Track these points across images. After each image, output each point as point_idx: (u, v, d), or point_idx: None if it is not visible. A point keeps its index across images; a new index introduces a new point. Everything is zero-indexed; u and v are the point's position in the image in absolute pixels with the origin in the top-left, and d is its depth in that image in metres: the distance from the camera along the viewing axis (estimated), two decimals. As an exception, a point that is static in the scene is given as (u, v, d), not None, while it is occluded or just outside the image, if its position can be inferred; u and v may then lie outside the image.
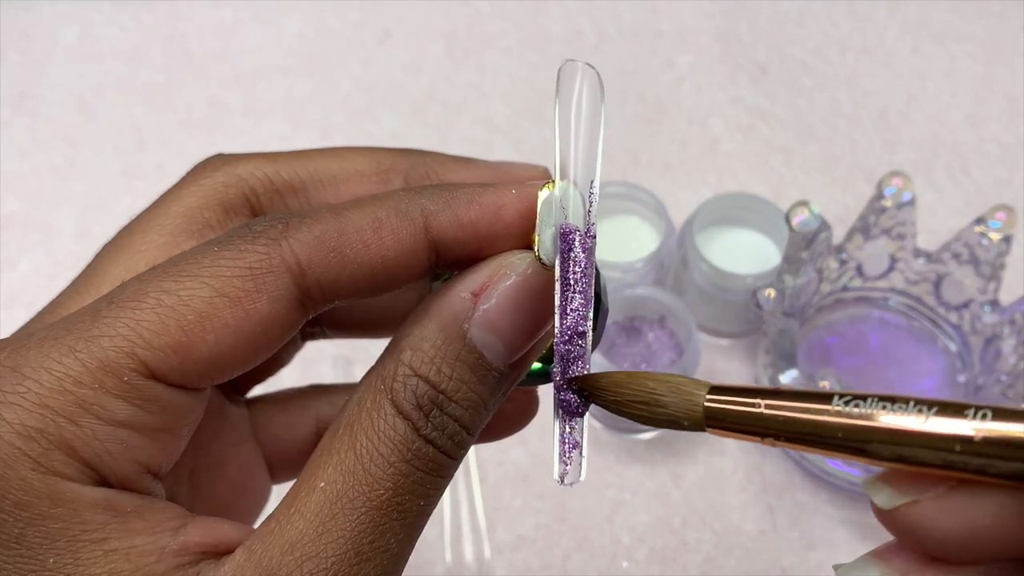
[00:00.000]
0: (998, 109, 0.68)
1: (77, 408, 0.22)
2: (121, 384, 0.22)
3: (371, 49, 0.70)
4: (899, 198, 0.51)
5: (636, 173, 0.64)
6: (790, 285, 0.50)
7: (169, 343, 0.22)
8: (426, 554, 0.51)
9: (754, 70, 0.69)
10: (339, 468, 0.22)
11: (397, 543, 0.23)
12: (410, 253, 0.24)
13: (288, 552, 0.22)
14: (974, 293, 0.53)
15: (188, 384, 0.23)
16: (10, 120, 0.66)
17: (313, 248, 0.23)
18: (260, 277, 0.23)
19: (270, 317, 0.23)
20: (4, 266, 0.60)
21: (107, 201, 0.63)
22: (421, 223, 0.24)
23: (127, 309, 0.23)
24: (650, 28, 0.71)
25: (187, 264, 0.23)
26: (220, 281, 0.23)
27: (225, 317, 0.23)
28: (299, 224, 0.24)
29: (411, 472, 0.22)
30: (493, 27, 0.71)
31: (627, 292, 0.53)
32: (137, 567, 0.22)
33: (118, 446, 0.22)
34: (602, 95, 0.23)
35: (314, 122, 0.66)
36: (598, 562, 0.51)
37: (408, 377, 0.23)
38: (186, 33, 0.70)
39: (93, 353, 0.22)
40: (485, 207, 0.24)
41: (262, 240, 0.23)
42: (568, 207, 0.23)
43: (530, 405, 0.30)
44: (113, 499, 0.22)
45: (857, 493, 0.52)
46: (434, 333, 0.23)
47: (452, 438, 0.23)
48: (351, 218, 0.24)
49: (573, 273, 0.22)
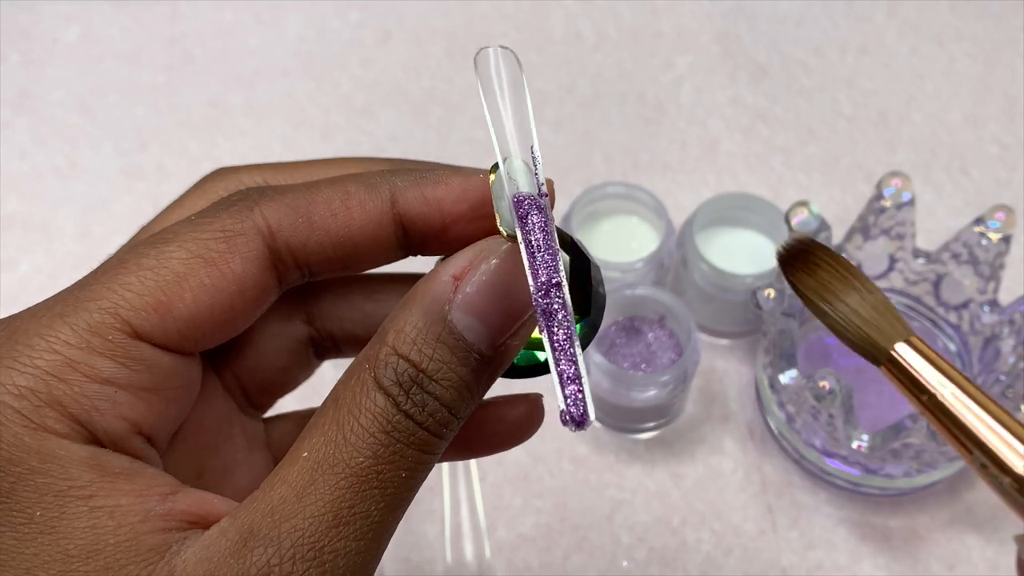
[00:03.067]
0: (998, 109, 0.68)
1: (66, 367, 0.23)
2: (107, 343, 0.23)
3: (371, 49, 0.70)
4: (898, 198, 0.51)
5: (636, 173, 0.64)
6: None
7: (150, 302, 0.24)
8: (426, 553, 0.51)
9: (754, 70, 0.69)
10: (322, 439, 0.23)
11: (378, 511, 0.23)
12: (376, 224, 0.26)
13: (268, 515, 0.22)
14: (973, 293, 0.53)
15: (171, 344, 0.24)
16: (10, 120, 0.66)
17: (283, 213, 0.25)
18: (232, 239, 0.25)
19: (243, 277, 0.25)
20: (4, 266, 0.60)
21: (107, 201, 0.63)
22: (388, 197, 0.26)
23: (110, 275, 0.24)
24: (650, 28, 0.71)
25: (166, 232, 0.25)
26: (196, 244, 0.24)
27: (201, 277, 0.24)
28: (272, 193, 0.26)
29: (391, 443, 0.23)
30: (493, 28, 0.71)
31: (627, 292, 0.53)
32: (120, 524, 0.22)
33: (106, 403, 0.23)
34: (520, 69, 0.24)
35: (314, 122, 0.66)
36: (598, 562, 0.51)
37: (390, 356, 0.23)
38: (187, 33, 0.70)
39: (80, 316, 0.23)
40: (451, 186, 0.26)
41: (236, 207, 0.25)
42: (517, 177, 0.23)
43: (534, 414, 0.30)
44: (101, 458, 0.23)
45: (857, 493, 0.52)
46: (416, 316, 0.23)
47: (433, 415, 0.23)
48: (322, 189, 0.26)
49: (534, 234, 0.23)
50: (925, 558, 0.51)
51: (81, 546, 0.22)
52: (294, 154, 0.65)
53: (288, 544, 0.22)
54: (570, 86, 0.68)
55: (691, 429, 0.55)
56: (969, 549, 0.51)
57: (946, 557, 0.51)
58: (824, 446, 0.51)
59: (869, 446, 0.49)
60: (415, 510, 0.52)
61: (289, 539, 0.22)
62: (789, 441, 0.52)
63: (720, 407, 0.55)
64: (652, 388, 0.51)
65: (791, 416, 0.51)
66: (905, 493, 0.52)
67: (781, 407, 0.52)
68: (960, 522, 0.52)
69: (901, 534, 0.52)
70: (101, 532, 0.22)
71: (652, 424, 0.54)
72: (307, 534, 0.22)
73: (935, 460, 0.49)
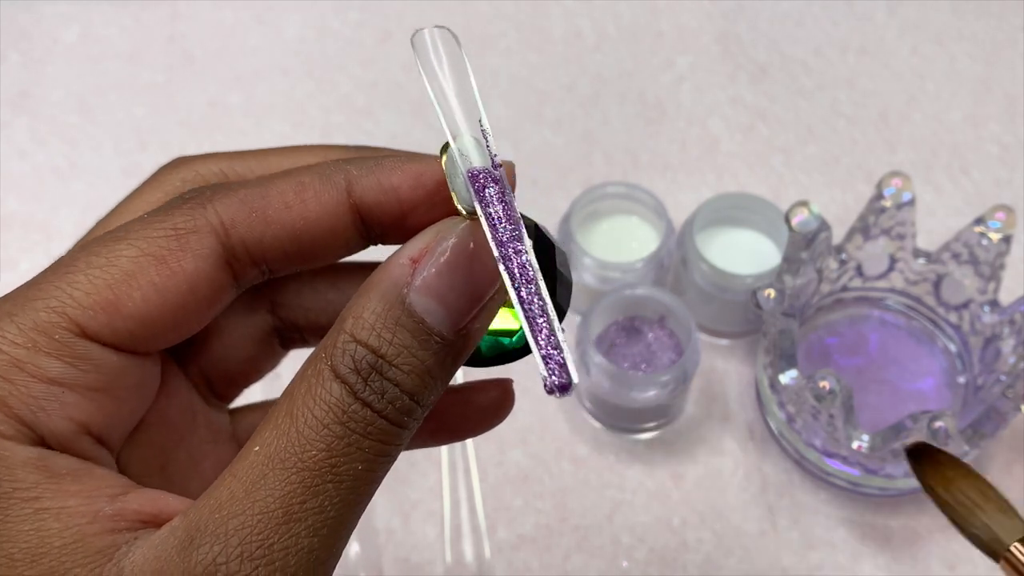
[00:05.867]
0: (998, 109, 0.68)
1: (11, 367, 0.22)
2: (53, 342, 0.23)
3: (371, 49, 0.70)
4: (899, 198, 0.51)
5: (636, 173, 0.64)
6: (790, 285, 0.50)
7: (98, 301, 0.23)
8: (426, 554, 0.51)
9: (754, 70, 0.69)
10: (274, 432, 0.22)
11: (332, 507, 0.22)
12: (332, 215, 0.25)
13: (216, 511, 0.21)
14: (974, 293, 0.53)
15: (121, 344, 0.24)
16: (10, 120, 0.66)
17: (236, 209, 0.25)
18: (184, 236, 0.24)
19: (196, 275, 0.24)
20: (4, 266, 0.60)
21: (107, 201, 0.62)
22: (344, 187, 0.25)
23: (59, 273, 0.24)
24: (650, 28, 0.71)
25: (118, 230, 0.25)
26: (146, 242, 0.24)
27: (151, 275, 0.24)
28: (225, 189, 0.25)
29: (346, 434, 0.22)
30: (493, 27, 0.71)
31: (627, 292, 0.53)
32: (66, 526, 0.22)
33: (52, 403, 0.23)
34: (459, 45, 0.24)
35: (314, 122, 0.66)
36: (598, 562, 0.51)
37: (347, 343, 0.22)
38: (186, 33, 0.70)
39: (27, 315, 0.23)
40: (407, 172, 0.25)
41: (189, 204, 0.25)
42: (469, 153, 0.23)
43: (505, 399, 0.29)
44: (48, 459, 0.22)
45: (857, 493, 0.52)
46: (375, 301, 0.23)
47: (393, 403, 0.22)
48: (276, 182, 0.25)
49: (492, 205, 0.22)
50: (925, 558, 0.51)
51: (25, 549, 0.21)
52: (294, 154, 0.65)
53: (235, 541, 0.21)
54: (570, 86, 0.68)
55: (691, 429, 0.55)
56: (970, 549, 0.51)
57: (946, 557, 0.51)
58: (824, 446, 0.51)
59: (869, 446, 0.49)
60: (415, 511, 0.52)
61: (236, 536, 0.21)
62: (789, 441, 0.52)
63: (720, 407, 0.55)
64: (652, 388, 0.51)
65: (791, 416, 0.51)
66: (905, 493, 0.52)
67: (781, 407, 0.52)
68: (960, 522, 0.52)
69: (901, 534, 0.52)
70: (46, 535, 0.21)
71: (652, 424, 0.54)
72: (255, 531, 0.21)
73: (935, 460, 0.49)
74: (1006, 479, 0.53)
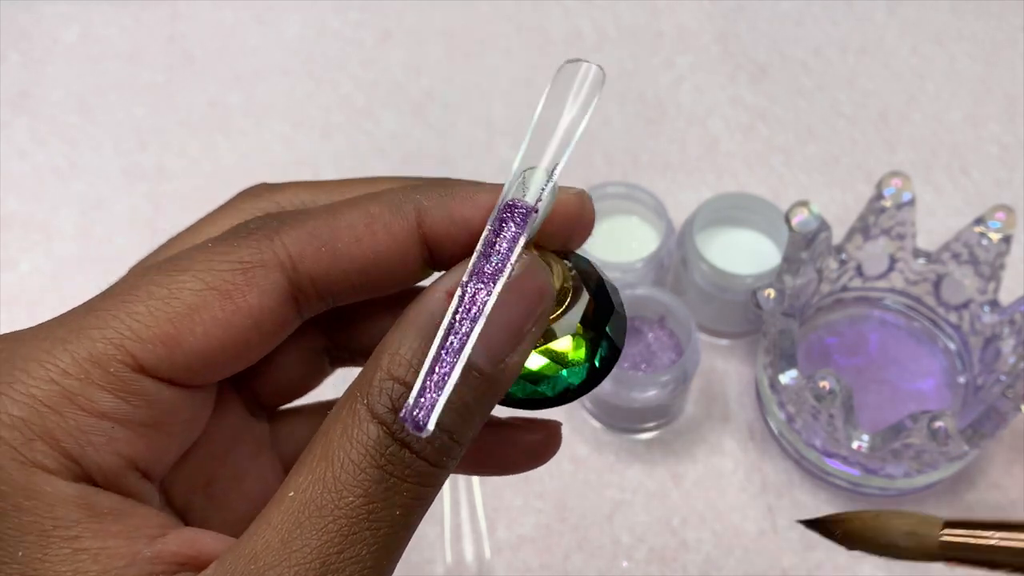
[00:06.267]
0: (998, 109, 0.68)
1: (62, 398, 0.22)
2: (107, 375, 0.22)
3: (371, 49, 0.70)
4: (899, 198, 0.51)
5: (636, 173, 0.64)
6: (790, 285, 0.50)
7: (158, 335, 0.22)
8: (426, 554, 0.51)
9: (754, 70, 0.69)
10: (309, 476, 0.22)
11: (370, 555, 0.21)
12: (403, 249, 0.24)
13: (252, 561, 0.21)
14: (974, 293, 0.53)
15: (177, 379, 0.23)
16: (10, 120, 0.66)
17: (304, 243, 0.24)
18: (251, 271, 0.23)
19: (260, 311, 0.23)
20: (4, 266, 0.60)
21: (107, 201, 0.63)
22: (414, 218, 0.24)
23: (118, 301, 0.23)
24: (650, 28, 0.71)
25: (180, 259, 0.23)
26: (211, 275, 0.23)
27: (214, 310, 0.23)
28: (292, 220, 0.24)
29: (384, 478, 0.21)
30: (493, 27, 0.71)
31: (627, 292, 0.53)
32: (105, 569, 0.21)
33: (101, 438, 0.22)
34: (599, 92, 0.23)
35: (314, 122, 0.66)
36: (598, 562, 0.51)
37: (384, 381, 0.22)
38: (186, 33, 0.70)
39: (82, 344, 0.22)
40: (479, 205, 0.24)
41: (256, 236, 0.24)
42: (529, 186, 0.22)
43: (552, 441, 0.29)
44: (91, 497, 0.22)
45: (857, 493, 0.52)
46: (412, 336, 0.22)
47: (432, 442, 0.22)
48: (344, 214, 0.24)
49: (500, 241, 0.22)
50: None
51: None
52: (294, 154, 0.65)
53: None
54: (570, 86, 0.68)
55: (691, 429, 0.55)
56: (969, 549, 0.51)
57: (946, 557, 0.51)
58: (824, 446, 0.51)
59: (869, 446, 0.49)
60: (415, 510, 0.52)
61: None
62: (789, 441, 0.52)
63: (720, 407, 0.55)
64: (652, 388, 0.51)
65: (791, 416, 0.51)
66: (905, 493, 0.52)
67: (781, 407, 0.52)
68: (960, 522, 0.52)
69: (901, 534, 0.52)
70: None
71: (652, 424, 0.54)
72: None
73: (935, 460, 0.49)
74: (1006, 479, 0.53)
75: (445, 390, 0.20)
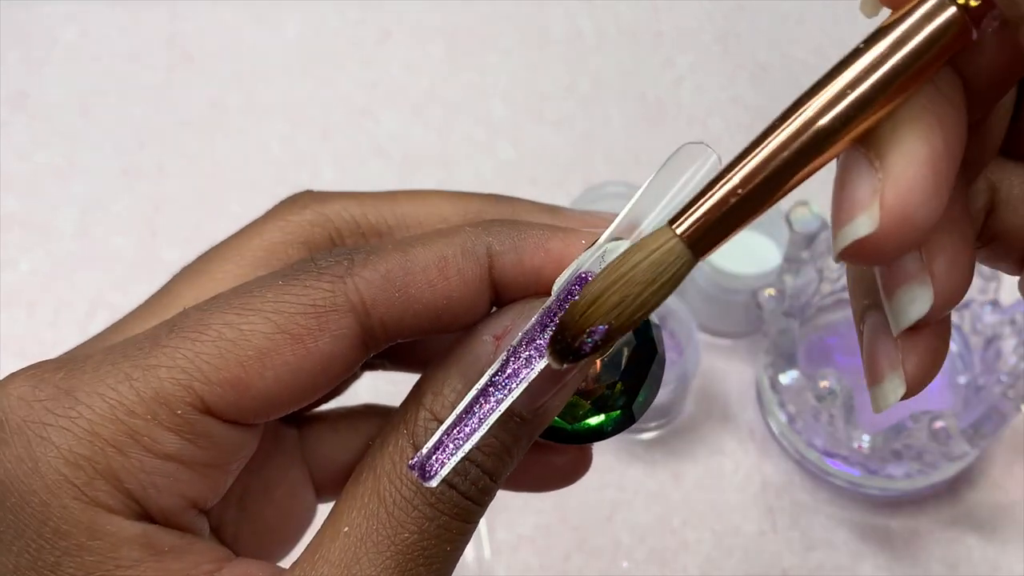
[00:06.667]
0: (998, 109, 0.67)
1: (127, 438, 0.21)
2: (174, 417, 0.22)
3: (371, 49, 0.70)
4: (899, 198, 0.51)
5: (636, 173, 0.64)
6: (790, 285, 0.50)
7: (227, 378, 0.22)
8: (426, 554, 0.51)
9: (754, 70, 0.69)
10: (363, 512, 0.22)
11: None
12: (475, 294, 0.24)
13: None
14: (974, 293, 0.53)
15: (242, 420, 0.23)
16: (10, 120, 0.66)
17: (379, 287, 0.23)
18: (324, 315, 0.23)
19: (331, 356, 0.23)
20: (4, 266, 0.60)
21: (107, 201, 0.63)
22: (486, 263, 0.24)
23: (187, 340, 0.22)
24: (650, 28, 0.71)
25: (251, 297, 0.23)
26: (283, 317, 0.22)
27: (286, 355, 0.22)
28: (365, 261, 0.23)
29: (436, 516, 0.22)
30: (493, 27, 0.71)
31: (627, 292, 0.53)
32: None
33: (165, 480, 0.22)
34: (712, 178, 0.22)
35: (314, 122, 0.66)
36: (598, 562, 0.51)
37: (429, 421, 0.22)
38: (186, 33, 0.70)
39: (149, 383, 0.22)
40: (551, 254, 0.24)
41: (327, 277, 0.23)
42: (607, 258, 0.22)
43: (582, 461, 0.29)
44: (152, 536, 0.22)
45: (858, 493, 0.52)
46: (455, 378, 0.23)
47: (475, 483, 0.23)
48: (417, 256, 0.23)
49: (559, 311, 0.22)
50: (926, 559, 0.51)
51: None
52: (294, 154, 0.65)
53: None
54: (570, 86, 0.68)
55: (691, 429, 0.55)
56: (970, 550, 0.51)
57: (947, 558, 0.51)
58: (825, 446, 0.51)
59: (870, 446, 0.48)
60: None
61: None
62: (790, 441, 0.52)
63: (721, 407, 0.55)
64: (652, 388, 0.51)
65: (792, 416, 0.51)
66: (906, 494, 0.52)
67: (782, 407, 0.52)
68: (961, 523, 0.52)
69: (902, 535, 0.51)
70: None
71: (652, 424, 0.54)
72: None
73: (936, 461, 0.49)
74: (1006, 479, 0.53)
75: (456, 459, 0.21)
